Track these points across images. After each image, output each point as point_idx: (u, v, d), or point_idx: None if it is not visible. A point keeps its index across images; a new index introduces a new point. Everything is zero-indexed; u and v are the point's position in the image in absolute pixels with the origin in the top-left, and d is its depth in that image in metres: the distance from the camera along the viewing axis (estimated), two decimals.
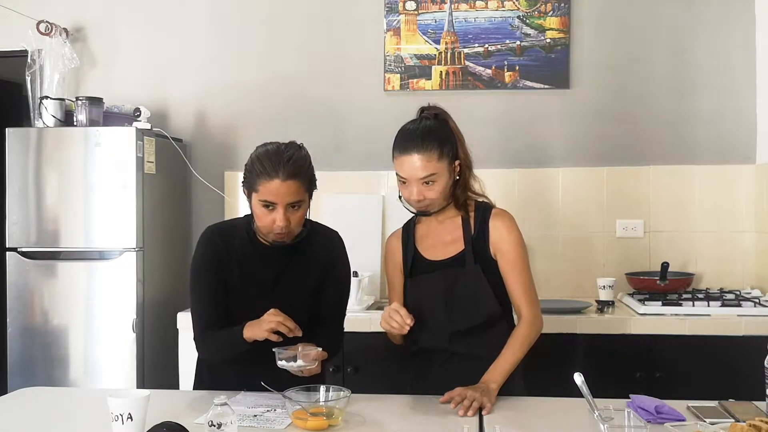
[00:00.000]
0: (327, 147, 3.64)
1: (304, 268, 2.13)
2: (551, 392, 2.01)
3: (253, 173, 1.98)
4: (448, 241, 2.12)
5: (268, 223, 1.99)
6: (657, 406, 1.78)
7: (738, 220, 3.46)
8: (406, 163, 2.02)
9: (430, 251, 2.14)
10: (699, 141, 3.51)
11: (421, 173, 2.00)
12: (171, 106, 3.80)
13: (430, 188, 2.02)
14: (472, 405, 1.84)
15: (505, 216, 2.12)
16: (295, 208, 1.99)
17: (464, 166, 2.09)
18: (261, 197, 1.96)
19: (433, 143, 2.01)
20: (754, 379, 1.92)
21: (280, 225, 1.97)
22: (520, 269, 2.08)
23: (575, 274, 3.51)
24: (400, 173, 2.05)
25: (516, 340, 2.02)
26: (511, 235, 2.09)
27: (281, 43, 3.74)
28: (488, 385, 1.93)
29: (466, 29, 3.60)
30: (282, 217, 1.96)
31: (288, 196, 1.96)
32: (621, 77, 3.55)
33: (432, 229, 2.15)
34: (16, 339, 3.33)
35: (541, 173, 3.57)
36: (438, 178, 2.02)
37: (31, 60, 3.66)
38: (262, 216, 1.99)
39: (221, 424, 1.57)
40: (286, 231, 1.99)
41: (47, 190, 3.33)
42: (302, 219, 2.05)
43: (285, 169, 1.94)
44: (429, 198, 2.04)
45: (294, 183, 1.96)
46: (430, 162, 2.00)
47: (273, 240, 2.03)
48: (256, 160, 1.99)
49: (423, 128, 2.05)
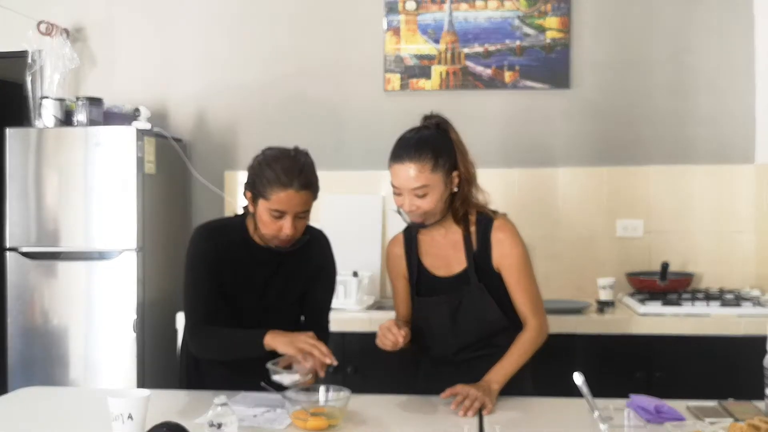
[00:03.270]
0: (327, 147, 3.64)
1: (295, 271, 2.14)
2: (551, 392, 2.01)
3: (264, 180, 1.95)
4: (452, 256, 2.08)
5: (275, 230, 1.99)
6: (657, 406, 1.78)
7: (738, 220, 3.46)
8: (399, 173, 1.99)
9: (435, 266, 2.11)
10: (699, 141, 3.51)
11: (413, 183, 1.96)
12: (171, 106, 3.80)
13: (423, 200, 1.98)
14: (473, 405, 1.84)
15: (507, 228, 2.07)
16: (302, 216, 2.00)
17: (463, 180, 2.04)
18: (272, 206, 1.95)
19: (427, 153, 1.96)
20: (754, 379, 1.92)
21: (288, 233, 1.97)
22: (525, 283, 2.06)
23: (575, 274, 3.51)
24: (394, 182, 2.01)
25: (522, 345, 2.01)
26: (514, 249, 2.05)
27: (281, 43, 3.74)
28: (490, 385, 1.93)
29: (466, 29, 3.60)
30: (290, 226, 1.97)
31: (299, 205, 1.96)
32: (621, 77, 3.55)
33: (435, 242, 2.11)
34: (16, 339, 3.33)
35: (541, 173, 3.57)
36: (431, 190, 1.97)
37: (32, 60, 3.66)
38: (269, 223, 1.99)
39: (221, 424, 1.57)
40: (291, 238, 2.00)
41: (47, 190, 3.33)
42: (305, 225, 2.06)
43: (299, 180, 1.94)
44: (422, 209, 1.99)
45: (306, 193, 1.97)
46: (423, 173, 1.96)
47: (276, 245, 2.03)
48: (266, 166, 1.96)
49: (419, 138, 2.01)
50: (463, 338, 2.07)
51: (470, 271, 2.05)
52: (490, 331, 2.06)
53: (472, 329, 2.06)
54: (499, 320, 2.05)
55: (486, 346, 2.06)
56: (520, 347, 2.01)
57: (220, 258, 2.09)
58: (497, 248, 2.05)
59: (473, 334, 2.06)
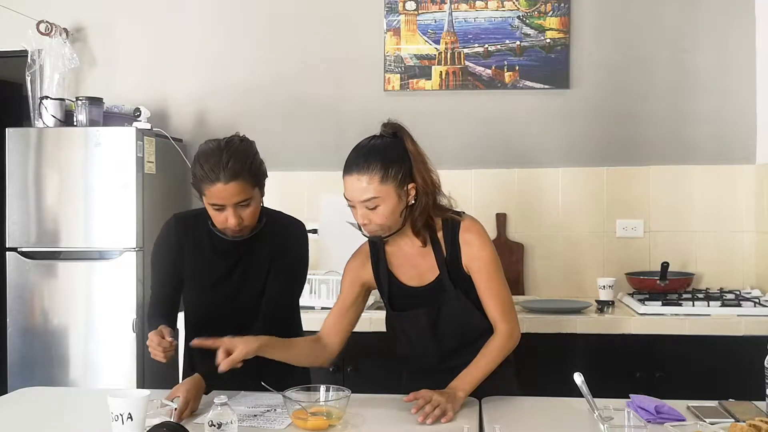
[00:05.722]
0: (327, 147, 3.64)
1: (259, 260, 2.14)
2: (551, 392, 2.01)
3: (197, 177, 1.98)
4: (422, 265, 2.02)
5: (222, 221, 2.02)
6: (657, 406, 1.78)
7: (738, 220, 3.46)
8: (348, 184, 1.91)
9: (407, 277, 2.04)
10: (699, 141, 3.51)
11: (363, 195, 1.88)
12: (171, 106, 3.80)
13: (375, 212, 1.90)
14: (434, 412, 1.79)
15: (474, 228, 2.00)
16: (243, 205, 2.00)
17: (421, 192, 1.93)
18: (209, 201, 1.99)
19: (375, 164, 1.87)
20: (754, 379, 1.92)
21: (233, 223, 1.99)
22: (495, 286, 1.98)
23: (575, 274, 3.51)
24: (345, 194, 1.93)
25: (490, 351, 1.95)
26: (482, 251, 1.97)
27: (281, 42, 3.74)
28: (455, 392, 1.87)
29: (466, 29, 3.60)
30: (232, 216, 1.98)
31: (234, 197, 1.97)
32: (621, 77, 3.55)
33: (403, 252, 2.04)
34: (16, 339, 3.33)
35: (541, 173, 3.57)
36: (382, 202, 1.88)
37: (31, 60, 3.66)
38: (215, 215, 2.02)
39: (221, 424, 1.57)
40: (240, 228, 2.01)
41: (47, 190, 3.33)
42: (256, 213, 2.05)
43: (225, 173, 1.94)
44: (375, 222, 1.91)
45: (237, 184, 1.95)
46: (371, 184, 1.87)
47: (231, 235, 2.06)
48: (196, 162, 1.99)
49: (369, 148, 1.92)
50: (446, 346, 2.03)
51: (444, 278, 1.99)
52: (474, 335, 2.00)
53: (455, 337, 2.02)
54: (481, 323, 2.00)
55: (473, 352, 1.98)
56: (488, 354, 1.94)
57: (183, 248, 2.15)
58: (465, 249, 1.98)
59: (457, 340, 2.02)
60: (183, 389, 1.87)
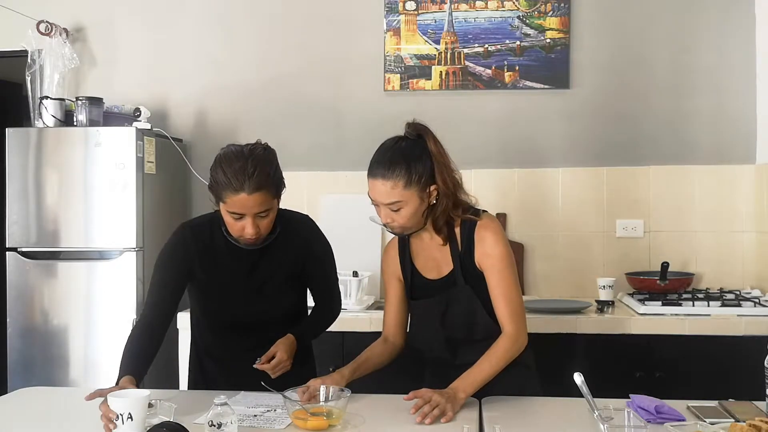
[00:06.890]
0: (327, 147, 3.64)
1: (279, 256, 2.13)
2: (551, 392, 2.01)
3: (219, 184, 1.95)
4: (440, 259, 2.07)
5: (238, 230, 1.99)
6: (657, 406, 1.78)
7: (738, 220, 3.46)
8: (373, 187, 1.97)
9: (426, 269, 2.10)
10: (699, 141, 3.51)
11: (387, 199, 1.95)
12: (171, 106, 3.80)
13: (398, 213, 1.97)
14: (433, 413, 1.79)
15: (490, 226, 2.03)
16: (263, 216, 1.98)
17: (442, 194, 1.98)
18: (229, 209, 1.96)
19: (400, 170, 1.93)
20: (754, 379, 1.92)
21: (251, 233, 1.97)
22: (505, 286, 2.00)
23: (575, 274, 3.51)
24: (370, 195, 2.00)
25: (494, 354, 1.95)
26: (496, 248, 2.00)
27: (281, 43, 3.74)
28: (456, 393, 1.87)
29: (466, 29, 3.60)
30: (251, 226, 1.96)
31: (255, 207, 1.95)
32: (621, 77, 3.56)
33: (425, 244, 2.10)
34: (16, 339, 3.33)
35: (540, 173, 3.57)
36: (405, 205, 1.95)
37: (31, 60, 3.66)
38: (231, 224, 1.99)
39: (221, 424, 1.57)
40: (256, 237, 1.99)
41: (47, 190, 3.33)
42: (272, 222, 2.04)
43: (250, 183, 1.91)
44: (397, 222, 1.98)
45: (260, 195, 1.93)
46: (395, 189, 1.93)
47: (244, 244, 2.04)
48: (219, 169, 1.95)
49: (394, 151, 1.97)
50: (454, 338, 2.04)
51: (456, 272, 2.03)
52: (482, 334, 2.01)
53: (461, 330, 2.04)
54: (487, 325, 2.01)
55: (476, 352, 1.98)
56: (492, 356, 1.94)
57: (192, 257, 2.10)
58: (479, 246, 2.01)
59: (462, 333, 2.04)
60: (281, 346, 2.01)
